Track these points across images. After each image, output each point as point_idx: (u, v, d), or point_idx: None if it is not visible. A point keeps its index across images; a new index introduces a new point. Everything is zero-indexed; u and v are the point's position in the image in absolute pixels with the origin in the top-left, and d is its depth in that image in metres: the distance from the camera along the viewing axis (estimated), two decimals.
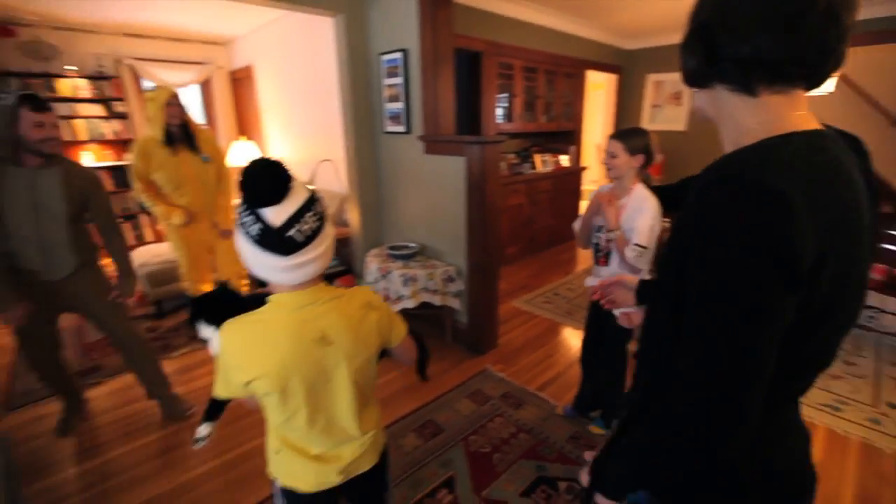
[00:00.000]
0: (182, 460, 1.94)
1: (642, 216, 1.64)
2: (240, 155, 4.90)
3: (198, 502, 1.73)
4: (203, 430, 1.05)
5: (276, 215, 0.78)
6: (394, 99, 2.87)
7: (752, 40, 0.56)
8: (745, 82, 0.59)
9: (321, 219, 0.84)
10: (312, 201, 0.83)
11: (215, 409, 1.05)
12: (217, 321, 0.90)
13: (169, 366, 2.68)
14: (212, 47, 5.54)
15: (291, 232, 0.79)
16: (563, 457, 1.92)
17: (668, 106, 5.61)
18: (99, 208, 1.93)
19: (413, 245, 2.93)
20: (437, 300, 2.73)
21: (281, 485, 0.98)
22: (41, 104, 1.68)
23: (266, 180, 0.77)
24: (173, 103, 2.39)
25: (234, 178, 2.45)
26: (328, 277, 3.44)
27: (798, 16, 0.52)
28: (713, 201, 0.56)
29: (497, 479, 1.79)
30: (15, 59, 4.33)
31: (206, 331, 0.99)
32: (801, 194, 0.52)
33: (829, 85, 3.04)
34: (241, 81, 5.56)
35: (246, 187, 0.78)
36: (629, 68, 5.80)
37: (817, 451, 1.97)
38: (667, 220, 1.76)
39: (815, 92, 0.63)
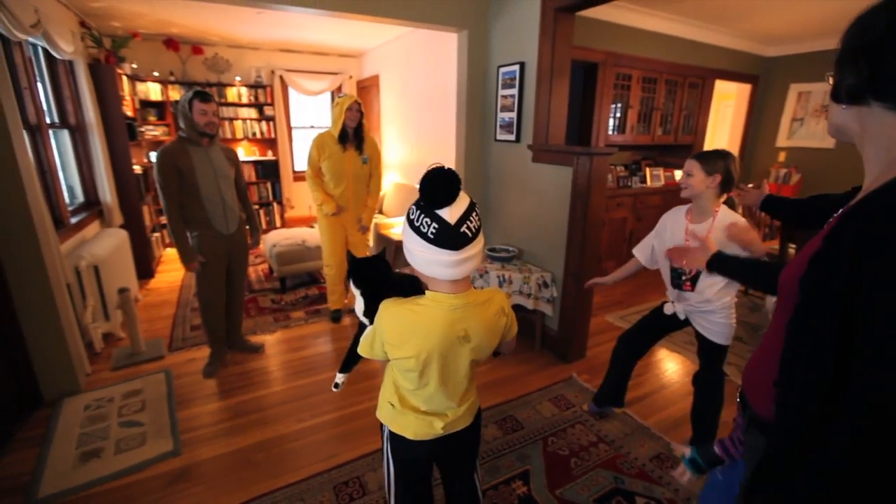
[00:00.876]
0: (292, 413, 2.28)
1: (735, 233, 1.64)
2: None
3: (302, 449, 2.03)
4: (339, 378, 1.29)
5: (451, 214, 0.90)
6: (507, 109, 3.01)
7: None
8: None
9: (480, 219, 0.97)
10: (474, 204, 0.96)
11: (351, 362, 1.25)
12: (366, 284, 1.08)
13: (287, 333, 3.13)
14: (346, 59, 6.24)
15: (463, 228, 0.91)
16: (643, 474, 1.87)
17: (813, 120, 4.95)
18: (239, 176, 2.57)
19: (512, 249, 3.03)
20: (529, 304, 2.79)
21: (390, 430, 1.13)
22: (206, 97, 2.27)
23: (444, 184, 0.90)
24: (353, 108, 2.84)
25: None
26: None
27: None
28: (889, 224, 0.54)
29: (573, 482, 1.81)
30: (200, 72, 5.35)
31: (355, 289, 1.13)
32: None
33: None
34: (366, 89, 6.17)
35: (428, 191, 0.90)
36: (768, 77, 5.25)
37: None
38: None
39: None
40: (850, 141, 0.69)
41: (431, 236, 0.91)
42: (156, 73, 5.03)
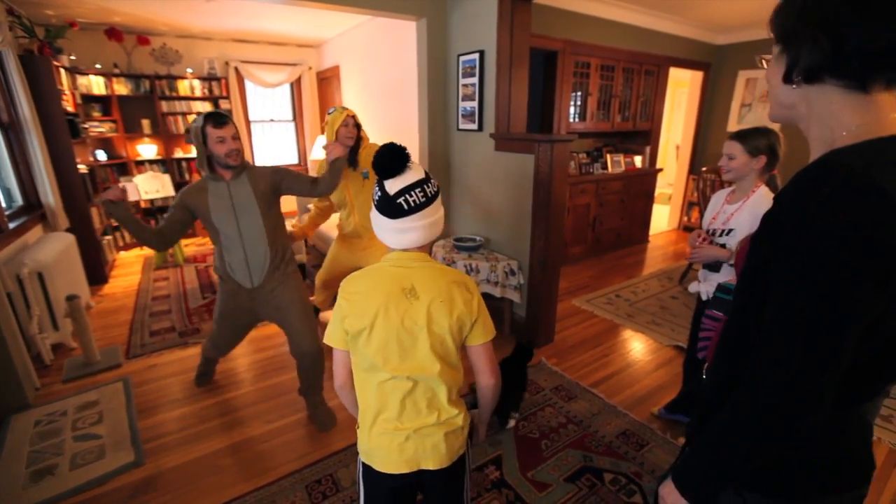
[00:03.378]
0: (260, 415, 2.23)
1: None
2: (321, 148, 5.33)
3: (273, 450, 1.99)
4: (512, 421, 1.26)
5: (392, 185, 0.97)
6: (468, 98, 3.00)
7: (891, 32, 0.54)
8: (862, 78, 0.58)
9: (427, 196, 0.99)
10: (423, 182, 0.99)
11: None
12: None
13: (251, 334, 3.05)
14: (304, 50, 6.06)
15: (400, 199, 0.96)
16: (610, 451, 1.94)
17: (760, 105, 5.19)
18: (294, 179, 2.06)
19: (478, 238, 3.05)
20: (497, 292, 2.82)
21: (362, 460, 1.05)
22: (221, 119, 1.81)
23: (386, 158, 0.97)
24: (348, 124, 2.33)
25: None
26: None
27: None
28: (815, 195, 0.56)
29: (543, 463, 1.86)
30: (147, 64, 5.07)
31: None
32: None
33: None
34: (326, 80, 6.02)
35: (375, 162, 0.97)
36: (718, 65, 5.45)
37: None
38: None
39: None
40: (793, 123, 0.70)
41: (375, 201, 1.01)
42: (98, 66, 4.73)
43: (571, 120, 4.31)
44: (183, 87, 5.24)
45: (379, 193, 0.99)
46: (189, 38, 5.28)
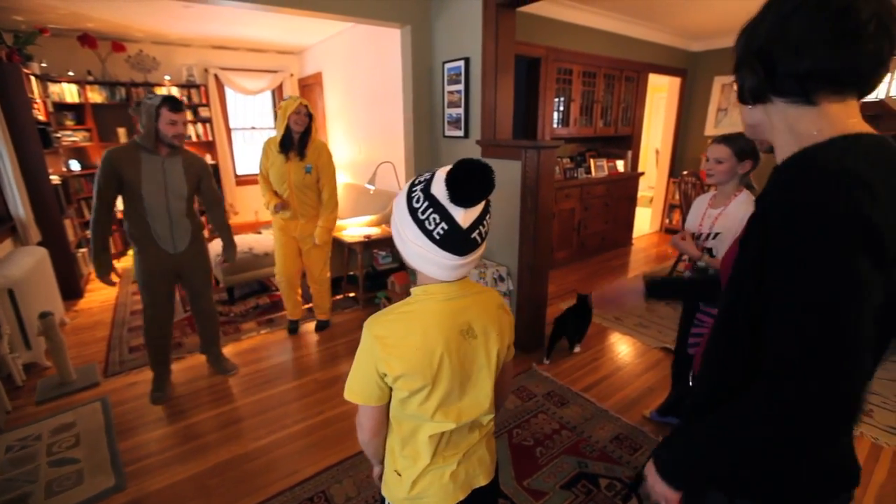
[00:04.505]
0: (247, 431, 2.16)
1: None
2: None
3: (260, 469, 1.93)
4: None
5: (466, 217, 0.77)
6: (454, 105, 3.00)
7: (812, 55, 0.60)
8: (804, 93, 0.63)
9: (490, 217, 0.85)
10: (489, 203, 0.82)
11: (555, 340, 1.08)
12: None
13: (238, 347, 2.97)
14: (285, 56, 5.99)
15: (475, 234, 0.79)
16: (605, 455, 1.94)
17: (735, 110, 5.33)
18: (208, 187, 2.34)
19: None
20: None
21: None
22: (177, 105, 2.06)
23: (476, 183, 0.76)
24: (300, 112, 2.62)
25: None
26: (384, 273, 3.62)
27: (855, 30, 0.57)
28: (797, 189, 0.59)
29: (539, 471, 1.85)
30: (123, 71, 4.94)
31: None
32: (880, 183, 0.56)
33: None
34: (309, 87, 5.96)
35: (457, 185, 0.76)
36: (695, 71, 5.59)
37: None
38: None
39: None
40: (765, 137, 0.74)
41: (437, 237, 0.78)
42: (71, 73, 4.59)
43: (555, 126, 4.36)
44: (160, 94, 5.11)
45: (444, 226, 0.77)
46: (166, 45, 5.17)
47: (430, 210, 0.77)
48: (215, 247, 3.80)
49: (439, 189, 0.77)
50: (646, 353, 2.87)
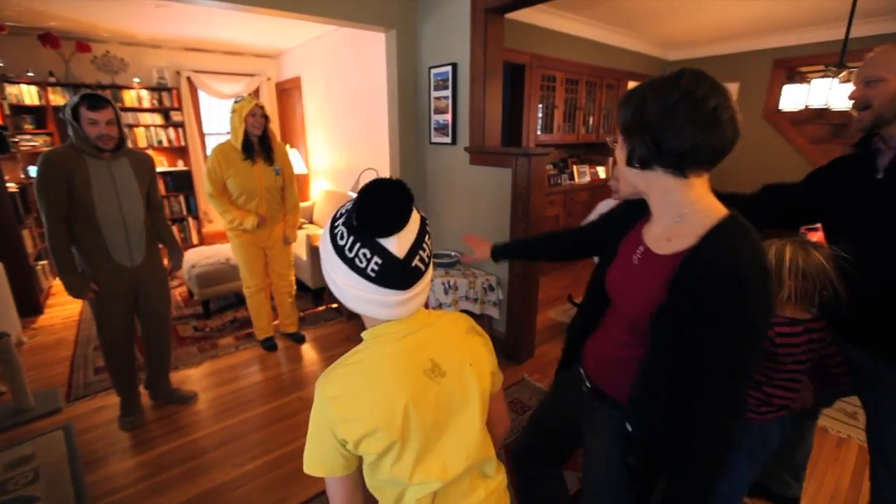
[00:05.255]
0: (228, 458, 2.02)
1: None
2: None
3: (244, 498, 1.80)
4: None
5: (400, 244, 0.68)
6: (441, 111, 2.94)
7: (691, 138, 0.75)
8: (680, 167, 0.79)
9: (431, 238, 0.76)
10: (425, 221, 0.74)
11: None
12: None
13: (215, 365, 2.81)
14: (262, 60, 5.82)
15: (415, 261, 0.70)
16: None
17: None
18: (154, 190, 2.14)
19: (454, 254, 2.97)
20: (476, 309, 2.74)
21: None
22: (96, 102, 1.81)
23: (393, 205, 0.67)
24: (255, 114, 2.46)
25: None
26: None
27: (720, 120, 0.75)
28: (734, 279, 0.74)
29: None
30: (89, 72, 4.69)
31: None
32: (766, 261, 0.78)
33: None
34: (287, 92, 5.80)
35: (368, 215, 0.67)
36: None
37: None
38: None
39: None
40: (638, 195, 0.90)
41: (372, 274, 0.68)
42: (30, 74, 4.31)
43: (538, 132, 4.35)
44: (130, 97, 4.88)
45: (377, 260, 0.68)
46: (135, 46, 4.94)
47: (358, 245, 0.68)
48: (188, 257, 3.62)
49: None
50: None
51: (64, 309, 3.68)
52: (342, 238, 0.70)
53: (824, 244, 1.18)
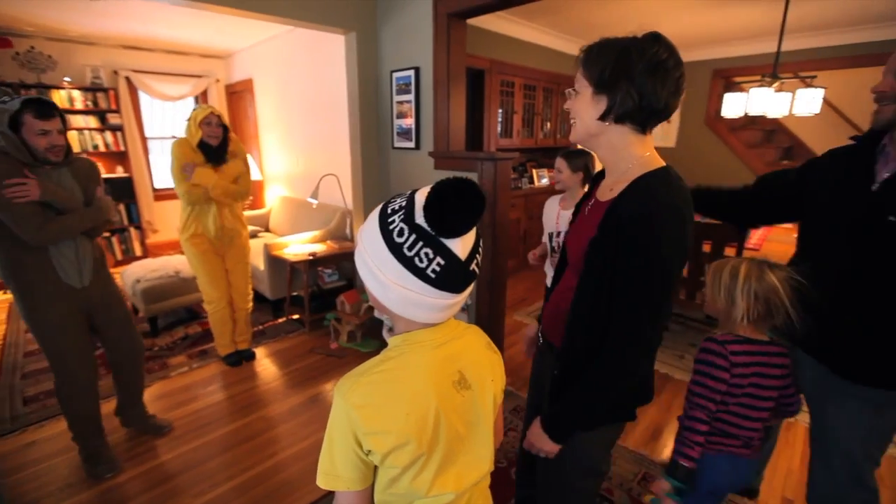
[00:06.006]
0: (186, 488, 1.87)
1: None
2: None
3: None
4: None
5: (463, 246, 0.66)
6: (404, 115, 2.89)
7: (665, 99, 0.83)
8: (644, 124, 0.87)
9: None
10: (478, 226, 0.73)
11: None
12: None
13: (166, 386, 2.61)
14: (210, 60, 5.54)
15: (473, 265, 0.69)
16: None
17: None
18: (93, 194, 1.85)
19: None
20: None
21: None
22: (45, 110, 1.60)
23: (468, 205, 0.64)
24: (211, 122, 2.38)
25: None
26: (331, 293, 3.40)
27: (681, 88, 0.85)
28: (645, 215, 0.82)
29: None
30: (10, 70, 4.26)
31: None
32: (686, 207, 0.85)
33: (816, 106, 3.18)
34: (238, 94, 5.55)
35: (440, 213, 0.63)
36: None
37: None
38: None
39: (803, 113, 2.14)
40: (590, 147, 0.95)
41: (432, 275, 0.65)
42: None
43: (499, 136, 4.40)
44: (59, 97, 4.47)
45: (440, 261, 0.65)
46: (65, 42, 4.54)
47: (421, 244, 0.64)
48: (132, 272, 3.36)
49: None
50: None
51: None
52: (400, 235, 0.65)
53: (783, 262, 1.16)
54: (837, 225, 1.12)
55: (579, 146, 1.95)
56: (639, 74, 0.81)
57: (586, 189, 1.91)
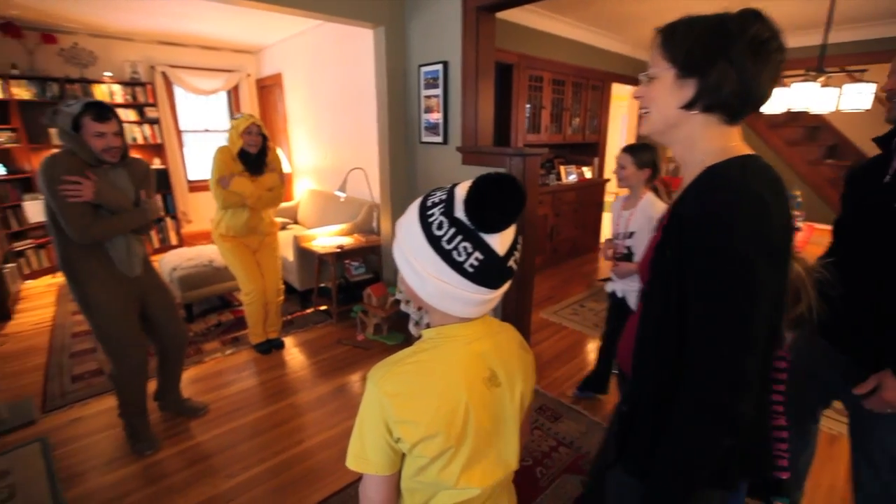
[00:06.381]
0: (219, 469, 1.95)
1: (652, 224, 1.76)
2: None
3: None
4: None
5: (502, 242, 0.66)
6: (431, 110, 2.90)
7: (766, 88, 0.72)
8: (736, 114, 0.74)
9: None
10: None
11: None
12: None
13: (200, 370, 2.71)
14: (241, 56, 5.66)
15: (510, 261, 0.69)
16: None
17: None
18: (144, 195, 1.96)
19: None
20: None
21: None
22: (102, 114, 1.70)
23: (508, 201, 0.64)
24: (252, 132, 2.47)
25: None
26: (357, 285, 3.45)
27: (778, 74, 0.72)
28: (713, 205, 0.68)
29: (542, 494, 1.78)
30: (56, 66, 4.46)
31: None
32: (770, 196, 0.68)
33: (867, 101, 3.02)
34: (268, 89, 5.66)
35: (482, 210, 0.63)
36: None
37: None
38: None
39: (851, 109, 1.56)
40: (664, 140, 0.81)
41: (470, 269, 0.65)
42: None
43: (526, 132, 4.36)
44: (100, 91, 4.66)
45: (478, 256, 0.65)
46: (106, 38, 4.72)
47: (460, 238, 0.65)
48: (169, 260, 3.49)
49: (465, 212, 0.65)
50: None
51: (35, 314, 3.49)
52: (440, 228, 0.66)
53: (811, 257, 1.13)
54: (855, 216, 1.19)
55: (642, 140, 1.89)
56: (739, 54, 0.68)
57: (649, 187, 1.90)
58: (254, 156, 2.53)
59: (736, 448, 0.73)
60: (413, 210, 0.71)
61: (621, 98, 6.31)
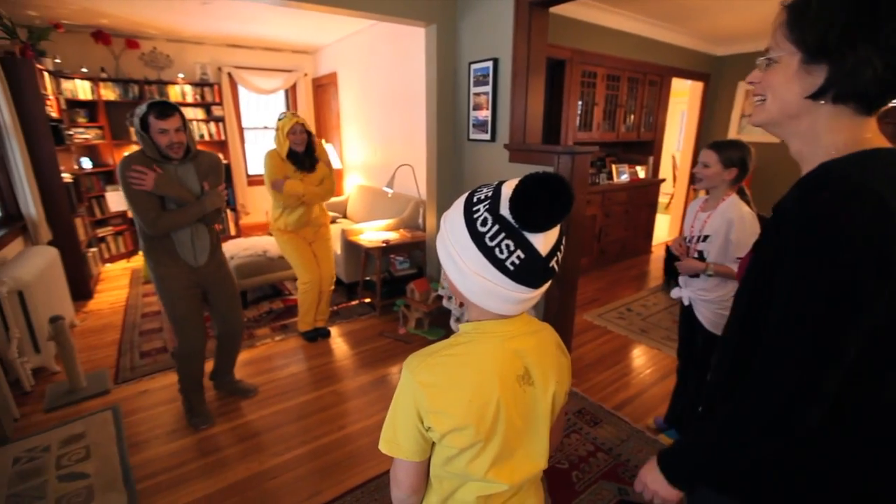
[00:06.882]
0: (265, 447, 2.06)
1: (736, 230, 1.62)
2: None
3: (280, 489, 1.82)
4: None
5: (545, 242, 0.65)
6: (480, 107, 2.89)
7: None
8: (873, 105, 0.63)
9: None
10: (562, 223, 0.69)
11: None
12: None
13: (251, 354, 2.87)
14: (300, 56, 5.91)
15: (552, 262, 0.67)
16: None
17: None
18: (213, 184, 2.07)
19: None
20: None
21: None
22: (164, 111, 1.81)
23: (555, 201, 0.63)
24: (296, 131, 2.57)
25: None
26: (401, 280, 3.52)
27: None
28: (817, 203, 0.60)
29: (577, 498, 1.73)
30: (137, 69, 4.88)
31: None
32: (893, 194, 0.57)
33: None
34: (323, 87, 5.88)
35: (527, 209, 0.63)
36: (718, 75, 5.46)
37: None
38: None
39: None
40: (780, 133, 0.71)
41: (511, 267, 0.65)
42: (84, 70, 4.51)
43: (577, 130, 4.24)
44: (174, 92, 5.05)
45: (520, 254, 0.64)
46: (180, 43, 5.10)
47: (503, 235, 0.64)
48: (227, 249, 3.72)
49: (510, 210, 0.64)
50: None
51: (112, 294, 3.84)
52: (484, 225, 0.66)
53: None
54: None
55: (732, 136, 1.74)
56: (890, 35, 0.57)
57: (735, 190, 1.71)
58: (302, 154, 2.63)
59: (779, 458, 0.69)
60: (459, 205, 0.71)
61: (680, 94, 5.99)
